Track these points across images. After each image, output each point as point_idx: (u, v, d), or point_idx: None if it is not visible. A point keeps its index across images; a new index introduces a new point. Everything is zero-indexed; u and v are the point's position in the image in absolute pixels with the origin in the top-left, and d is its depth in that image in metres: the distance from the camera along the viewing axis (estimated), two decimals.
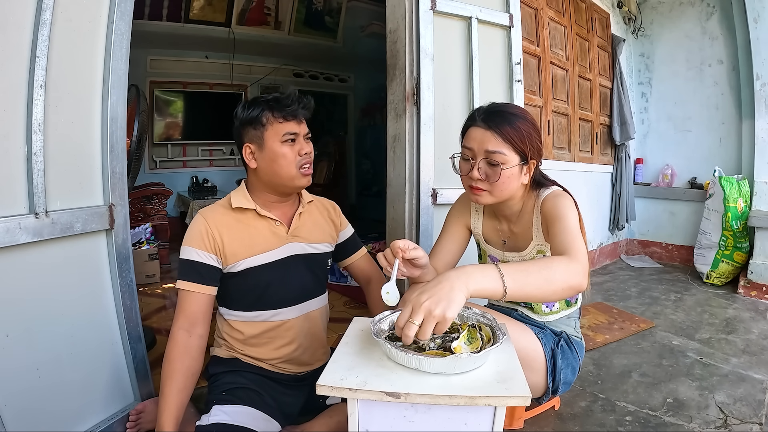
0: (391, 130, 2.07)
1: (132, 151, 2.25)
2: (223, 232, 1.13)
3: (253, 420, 1.07)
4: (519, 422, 1.29)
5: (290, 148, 1.14)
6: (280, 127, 1.13)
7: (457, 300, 0.73)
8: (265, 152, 1.14)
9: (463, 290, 0.75)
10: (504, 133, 1.05)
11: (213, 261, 1.12)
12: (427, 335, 0.72)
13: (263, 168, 1.15)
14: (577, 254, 0.91)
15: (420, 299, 0.73)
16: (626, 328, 2.08)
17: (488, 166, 1.07)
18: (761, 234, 2.64)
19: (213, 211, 1.16)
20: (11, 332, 1.00)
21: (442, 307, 0.71)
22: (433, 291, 0.73)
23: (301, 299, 1.24)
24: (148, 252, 2.82)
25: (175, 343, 1.07)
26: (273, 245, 1.18)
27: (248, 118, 1.14)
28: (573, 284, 0.86)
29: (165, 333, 2.03)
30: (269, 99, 1.14)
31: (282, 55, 5.14)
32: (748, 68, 2.92)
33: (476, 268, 0.80)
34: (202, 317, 1.11)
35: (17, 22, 0.99)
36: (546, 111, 2.73)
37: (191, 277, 1.10)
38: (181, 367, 1.05)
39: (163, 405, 1.02)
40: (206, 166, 5.13)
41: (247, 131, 1.15)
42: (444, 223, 1.34)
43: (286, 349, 1.22)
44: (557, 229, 1.00)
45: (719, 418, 1.35)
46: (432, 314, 0.71)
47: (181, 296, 1.11)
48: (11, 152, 0.99)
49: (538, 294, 0.85)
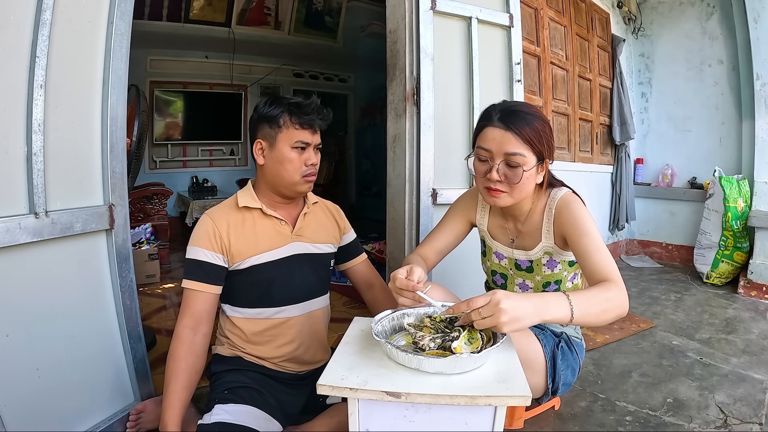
0: (391, 130, 2.07)
1: (132, 151, 2.25)
2: (229, 231, 1.15)
3: (255, 419, 1.07)
4: (519, 422, 1.29)
5: (298, 155, 1.15)
6: (294, 133, 1.14)
7: (523, 326, 0.80)
8: (274, 152, 1.15)
9: (537, 319, 0.82)
10: (524, 134, 1.03)
11: (219, 260, 1.14)
12: (482, 327, 0.79)
13: (269, 167, 1.17)
14: (620, 282, 0.94)
15: (502, 305, 0.77)
16: (626, 328, 2.08)
17: (508, 168, 1.06)
18: (761, 234, 2.64)
19: (219, 211, 1.18)
20: (11, 332, 1.00)
21: (507, 320, 0.76)
22: (516, 305, 0.78)
23: (304, 298, 1.25)
24: (148, 252, 2.82)
25: (180, 341, 1.08)
26: (277, 244, 1.20)
27: (267, 115, 1.15)
28: (621, 314, 0.92)
29: (165, 333, 2.03)
30: (291, 102, 1.16)
31: (282, 55, 5.15)
32: (748, 68, 2.92)
33: (553, 300, 0.85)
34: (207, 316, 1.13)
35: (17, 22, 0.99)
36: (546, 111, 2.73)
37: (197, 276, 1.12)
38: (186, 366, 1.06)
39: (168, 402, 1.03)
40: (206, 166, 5.14)
41: (263, 127, 1.17)
42: (445, 214, 1.33)
43: (288, 347, 1.23)
44: (588, 247, 1.01)
45: (719, 418, 1.35)
46: (498, 320, 0.76)
47: (186, 295, 1.12)
48: (11, 152, 0.99)
49: (593, 321, 0.90)
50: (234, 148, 5.31)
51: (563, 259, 1.17)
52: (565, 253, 1.16)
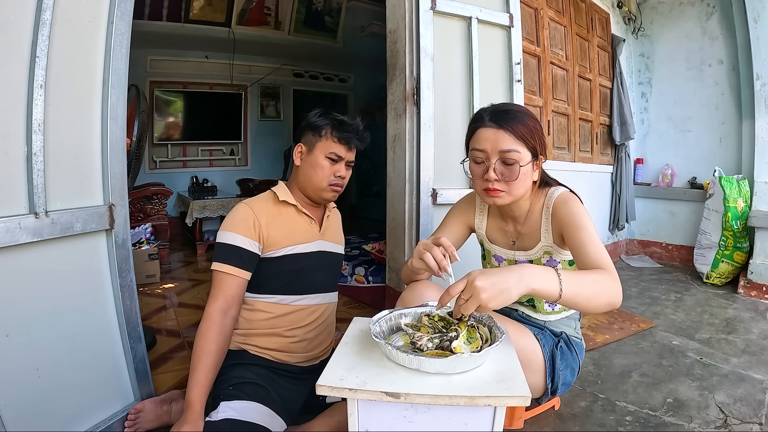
0: (391, 130, 2.07)
1: (132, 151, 2.25)
2: (268, 221, 1.23)
3: (261, 416, 1.09)
4: (519, 422, 1.29)
5: (330, 164, 1.26)
6: (331, 145, 1.26)
7: (509, 297, 0.78)
8: (310, 157, 1.27)
9: (522, 289, 0.79)
10: (516, 130, 1.05)
11: (255, 248, 1.20)
12: (468, 311, 0.78)
13: (303, 169, 1.28)
14: (614, 273, 0.93)
15: (477, 282, 0.76)
16: (626, 328, 2.08)
17: (504, 166, 1.07)
18: (761, 234, 2.64)
19: (258, 203, 1.26)
20: (11, 332, 1.00)
21: (490, 296, 0.76)
22: (493, 279, 0.77)
23: (320, 290, 1.33)
24: (148, 252, 2.82)
25: (212, 322, 1.12)
26: (308, 239, 1.30)
27: (313, 123, 1.27)
28: (613, 302, 0.90)
29: (165, 333, 2.03)
30: (337, 118, 1.28)
31: (282, 55, 5.15)
32: (748, 68, 2.91)
33: (539, 269, 0.84)
34: (238, 300, 1.19)
35: (17, 22, 0.99)
36: (546, 111, 2.73)
37: (233, 261, 1.17)
38: (216, 346, 1.11)
39: (195, 381, 1.06)
40: (206, 166, 5.14)
41: (307, 133, 1.28)
42: (444, 219, 1.34)
43: (300, 330, 1.27)
44: (582, 239, 1.01)
45: (719, 418, 1.35)
46: (479, 298, 0.76)
47: (219, 278, 1.17)
48: (11, 152, 0.99)
49: (585, 304, 0.88)
50: (234, 148, 5.31)
51: (563, 259, 1.18)
52: (564, 252, 1.16)
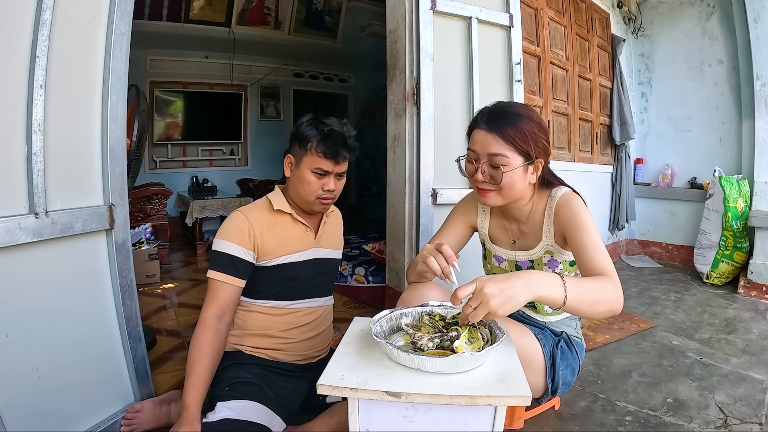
0: (391, 130, 2.07)
1: (132, 151, 2.25)
2: (263, 230, 1.22)
3: (258, 414, 1.09)
4: (519, 422, 1.29)
5: (317, 179, 1.21)
6: (317, 160, 1.19)
7: (517, 303, 0.78)
8: (297, 171, 1.23)
9: (529, 295, 0.80)
10: (506, 135, 1.04)
11: (249, 257, 1.20)
12: (476, 319, 0.78)
13: (292, 182, 1.26)
14: (616, 279, 0.93)
15: (487, 289, 0.77)
16: (626, 328, 2.08)
17: (491, 169, 1.08)
18: (761, 234, 2.64)
19: (253, 211, 1.24)
20: (11, 332, 1.00)
21: (499, 303, 0.76)
22: (501, 286, 0.77)
23: (314, 296, 1.33)
24: (148, 252, 2.82)
25: (207, 327, 1.13)
26: (303, 247, 1.29)
27: (300, 134, 1.21)
28: (614, 309, 0.90)
29: (165, 333, 2.03)
30: (324, 131, 1.18)
31: (282, 55, 5.15)
32: (748, 68, 2.92)
33: (544, 275, 0.84)
34: (232, 306, 1.20)
35: (17, 22, 0.99)
36: (546, 111, 2.73)
37: (228, 269, 1.17)
38: (211, 350, 1.12)
39: (191, 384, 1.06)
40: (206, 166, 5.14)
41: (294, 145, 1.24)
42: (446, 219, 1.34)
43: (295, 332, 1.28)
44: (585, 242, 1.01)
45: (719, 418, 1.35)
46: (488, 305, 0.76)
47: (214, 285, 1.18)
48: (11, 152, 0.99)
49: (587, 311, 0.88)
50: (234, 148, 5.31)
51: (564, 259, 1.17)
52: (565, 253, 1.16)
